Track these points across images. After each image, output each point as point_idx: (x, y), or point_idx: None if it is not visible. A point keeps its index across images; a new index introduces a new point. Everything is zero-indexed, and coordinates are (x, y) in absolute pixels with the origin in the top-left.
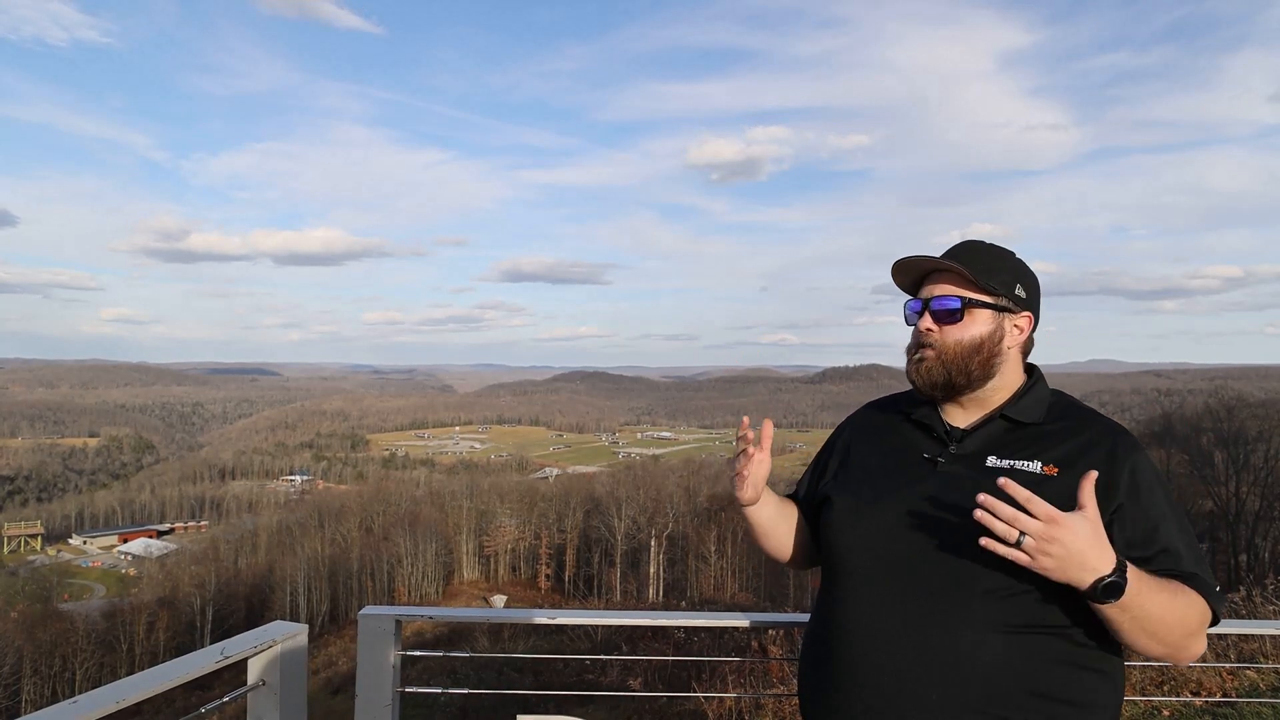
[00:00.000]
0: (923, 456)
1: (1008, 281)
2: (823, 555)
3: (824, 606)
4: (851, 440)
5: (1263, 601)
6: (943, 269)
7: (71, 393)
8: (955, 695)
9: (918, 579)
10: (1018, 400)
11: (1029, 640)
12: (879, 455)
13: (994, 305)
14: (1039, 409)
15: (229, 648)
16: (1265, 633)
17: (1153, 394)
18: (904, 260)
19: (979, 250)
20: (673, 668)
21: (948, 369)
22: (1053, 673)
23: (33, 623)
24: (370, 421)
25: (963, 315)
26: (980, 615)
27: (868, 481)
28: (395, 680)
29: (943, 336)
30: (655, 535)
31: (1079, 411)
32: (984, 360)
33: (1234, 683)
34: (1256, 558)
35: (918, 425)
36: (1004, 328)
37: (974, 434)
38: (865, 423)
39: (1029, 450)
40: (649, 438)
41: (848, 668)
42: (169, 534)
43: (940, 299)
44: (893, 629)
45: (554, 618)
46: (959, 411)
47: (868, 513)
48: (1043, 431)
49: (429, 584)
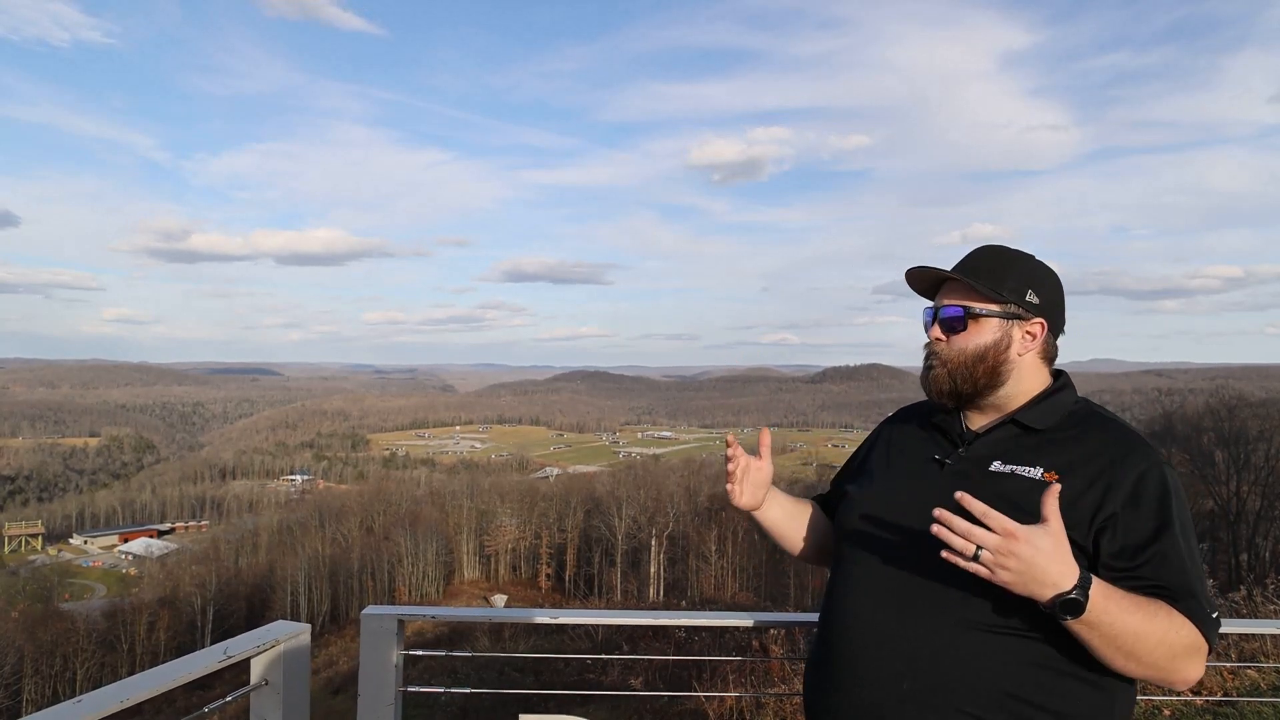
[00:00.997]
0: (932, 458)
1: (1017, 289)
2: (834, 551)
3: (824, 604)
4: (876, 440)
5: (1263, 601)
6: (951, 277)
7: (72, 393)
8: (928, 691)
9: (907, 576)
10: (1033, 406)
11: (1007, 641)
12: (895, 455)
13: (1000, 314)
14: (1054, 416)
15: (232, 647)
16: (1266, 632)
17: (1153, 394)
18: (913, 270)
19: (991, 257)
20: (674, 667)
21: (953, 378)
22: (1029, 676)
23: (34, 622)
24: (371, 421)
25: (966, 324)
26: (959, 614)
27: (878, 480)
28: (397, 680)
29: (948, 346)
30: (656, 535)
31: (1098, 421)
32: (989, 369)
33: (1235, 682)
34: (1257, 557)
35: (937, 428)
36: (1011, 335)
37: (983, 438)
38: (899, 422)
39: (1033, 456)
40: (650, 437)
41: (846, 665)
42: (170, 534)
43: (946, 308)
44: (882, 625)
45: (555, 617)
46: (978, 416)
47: (871, 510)
48: (1052, 438)
49: (430, 584)
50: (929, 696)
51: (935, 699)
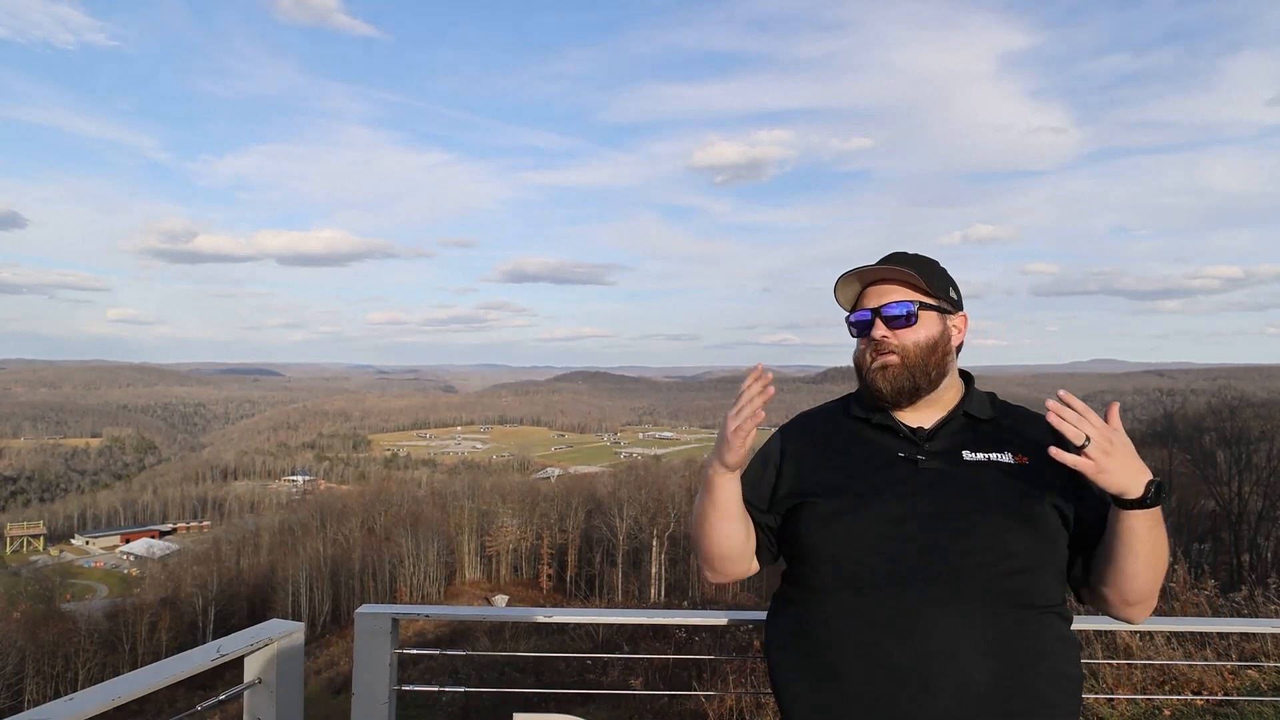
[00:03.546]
0: (899, 456)
1: (942, 285)
2: (798, 562)
3: (817, 614)
4: (802, 449)
5: (1265, 601)
6: (886, 279)
7: (74, 393)
8: (1002, 687)
9: (925, 574)
10: (969, 399)
11: (1036, 618)
12: (850, 460)
13: (937, 307)
14: (986, 405)
15: (225, 645)
16: (1266, 631)
17: (1155, 394)
18: (853, 272)
19: (912, 258)
20: (674, 667)
21: (912, 372)
22: (1058, 650)
23: (35, 623)
24: (372, 422)
25: (916, 318)
26: (991, 601)
27: (850, 485)
28: (392, 678)
29: (900, 340)
30: (657, 535)
31: (1015, 407)
32: (939, 360)
33: (1235, 682)
34: (1259, 557)
35: (878, 428)
36: (948, 328)
37: (940, 432)
38: (811, 430)
39: (993, 443)
40: (650, 438)
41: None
42: (171, 534)
43: (893, 305)
44: (912, 625)
45: (553, 616)
46: (913, 414)
47: (861, 515)
48: (999, 426)
49: (431, 584)
50: (1003, 692)
51: (1009, 693)
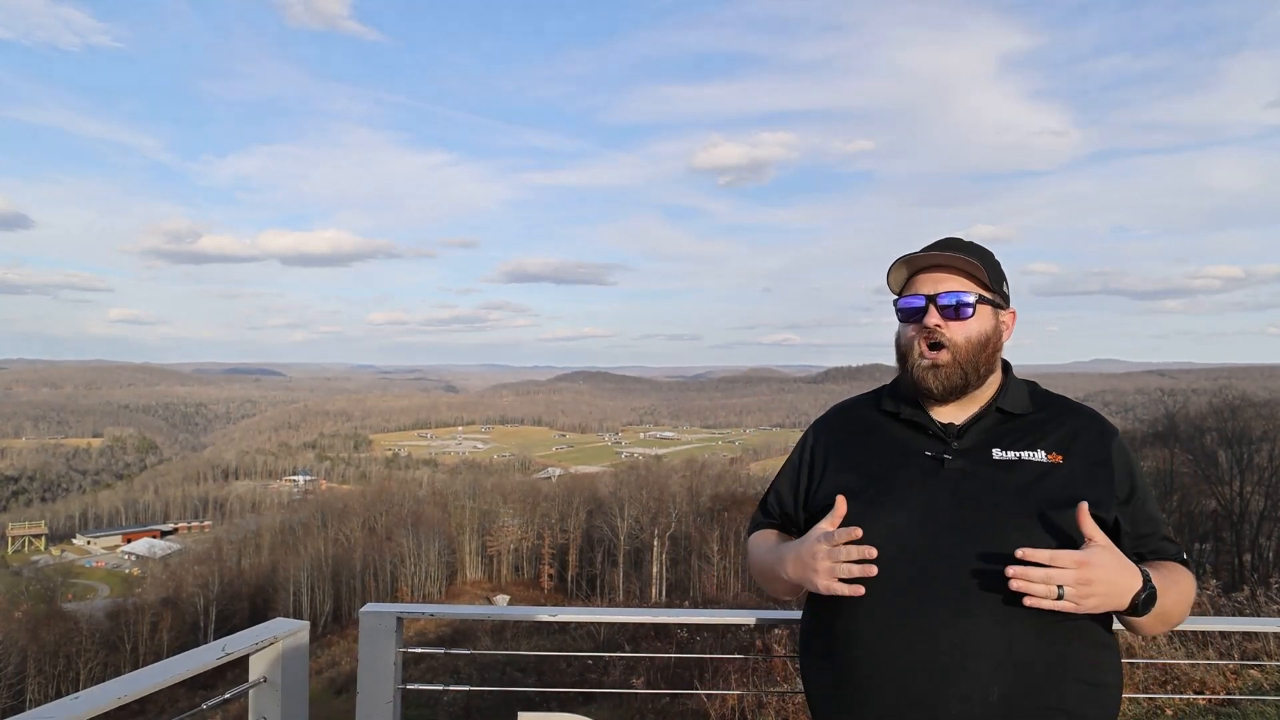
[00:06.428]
0: (926, 455)
1: (998, 279)
2: None
3: (841, 616)
4: (831, 445)
5: (1266, 601)
6: (943, 265)
7: (75, 393)
8: (1020, 694)
9: (947, 576)
10: (1005, 393)
11: (1058, 626)
12: (877, 457)
13: (994, 301)
14: (1023, 399)
15: (230, 644)
16: (1269, 630)
17: (1156, 393)
18: (912, 257)
19: (972, 246)
20: (675, 666)
21: (964, 370)
22: (1085, 654)
23: (37, 623)
24: (373, 422)
25: (974, 310)
26: (1008, 608)
27: (874, 484)
28: (396, 678)
29: (952, 334)
30: (658, 535)
31: (1055, 399)
32: (989, 357)
33: (1237, 682)
34: (1260, 557)
35: (908, 424)
36: (999, 324)
37: (972, 429)
38: (844, 426)
39: (1026, 440)
40: (652, 437)
41: (915, 683)
42: (172, 534)
43: (951, 294)
44: (930, 630)
45: (555, 615)
46: (947, 409)
47: (883, 515)
48: (1034, 421)
49: (432, 584)
50: (1020, 700)
51: (1026, 701)
